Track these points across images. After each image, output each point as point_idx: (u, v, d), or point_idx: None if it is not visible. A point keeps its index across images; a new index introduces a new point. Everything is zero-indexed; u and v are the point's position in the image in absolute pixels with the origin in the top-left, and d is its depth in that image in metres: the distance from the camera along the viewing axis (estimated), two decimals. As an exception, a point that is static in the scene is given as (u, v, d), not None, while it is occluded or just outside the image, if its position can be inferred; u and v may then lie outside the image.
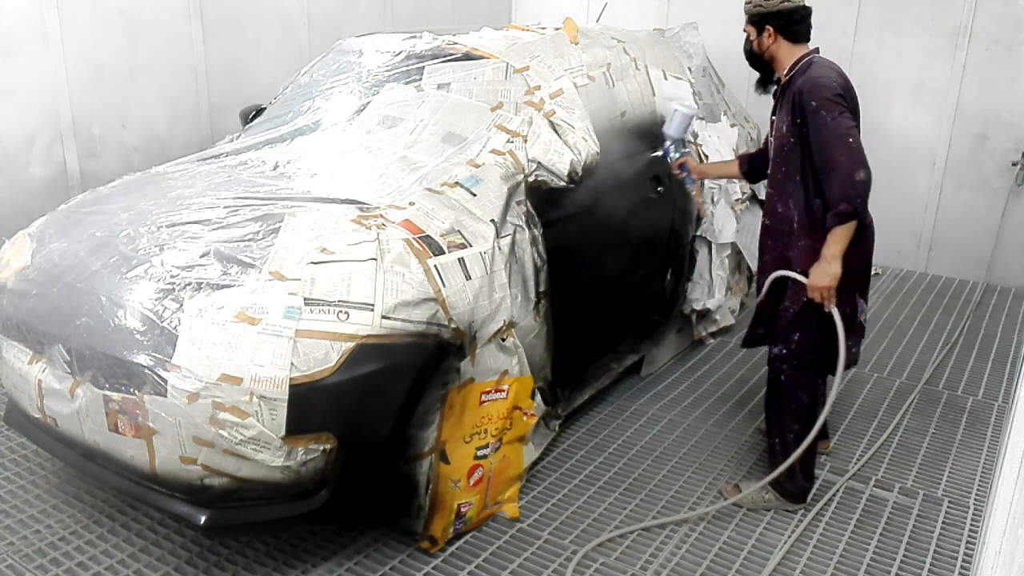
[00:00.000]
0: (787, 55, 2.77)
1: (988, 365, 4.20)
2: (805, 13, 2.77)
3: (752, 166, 3.18)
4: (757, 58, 2.86)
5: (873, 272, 5.45)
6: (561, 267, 2.98)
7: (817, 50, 2.78)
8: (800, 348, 2.79)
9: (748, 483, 2.97)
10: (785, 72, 2.76)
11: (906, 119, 5.45)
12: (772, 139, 2.85)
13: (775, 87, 2.89)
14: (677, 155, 3.32)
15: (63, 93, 4.14)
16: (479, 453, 2.64)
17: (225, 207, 2.69)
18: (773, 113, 2.87)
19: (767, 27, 2.75)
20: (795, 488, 2.88)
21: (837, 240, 2.55)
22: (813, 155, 2.60)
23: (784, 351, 2.83)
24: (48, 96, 4.08)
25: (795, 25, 2.75)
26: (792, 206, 2.74)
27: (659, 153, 3.39)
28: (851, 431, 3.48)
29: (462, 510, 2.64)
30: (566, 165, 2.95)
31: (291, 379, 2.17)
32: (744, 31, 2.85)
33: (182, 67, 4.64)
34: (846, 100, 2.58)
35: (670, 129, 3.31)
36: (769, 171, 2.88)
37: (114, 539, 2.64)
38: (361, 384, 2.25)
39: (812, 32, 2.80)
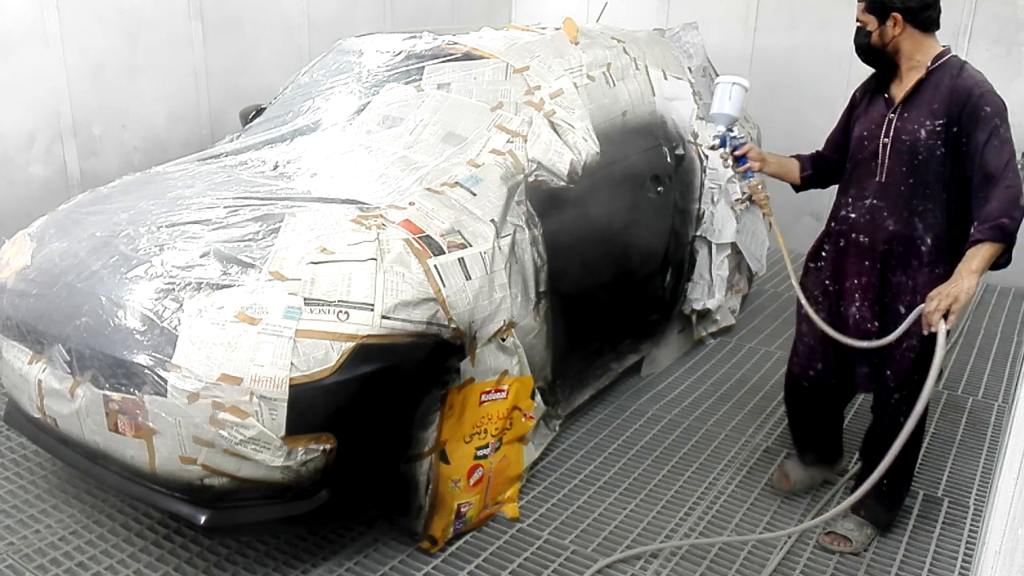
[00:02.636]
0: (919, 47, 2.43)
1: (988, 365, 4.20)
2: (935, 1, 2.44)
3: (816, 171, 2.78)
4: (877, 52, 2.49)
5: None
6: (561, 267, 2.98)
7: (950, 48, 2.47)
8: (919, 389, 2.40)
9: (849, 524, 2.72)
10: (928, 66, 2.42)
11: (906, 119, 5.44)
12: (880, 142, 2.47)
13: (874, 85, 2.57)
14: (738, 141, 2.65)
15: (63, 93, 4.14)
16: (479, 453, 2.64)
17: (225, 207, 2.69)
18: (892, 111, 2.46)
19: (893, 15, 2.40)
20: (893, 516, 2.78)
21: (984, 256, 2.24)
22: (973, 167, 2.31)
23: (905, 393, 2.54)
24: (48, 96, 4.08)
25: (928, 11, 2.40)
26: (923, 227, 2.42)
27: (715, 143, 2.67)
28: (852, 431, 3.48)
29: (462, 510, 2.64)
30: (566, 165, 2.95)
31: (291, 379, 2.17)
32: (859, 22, 2.50)
33: (182, 67, 4.64)
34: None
35: (725, 107, 2.60)
36: (878, 179, 2.49)
37: (114, 539, 2.64)
38: (361, 384, 2.25)
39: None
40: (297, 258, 2.38)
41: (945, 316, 2.23)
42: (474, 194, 2.75)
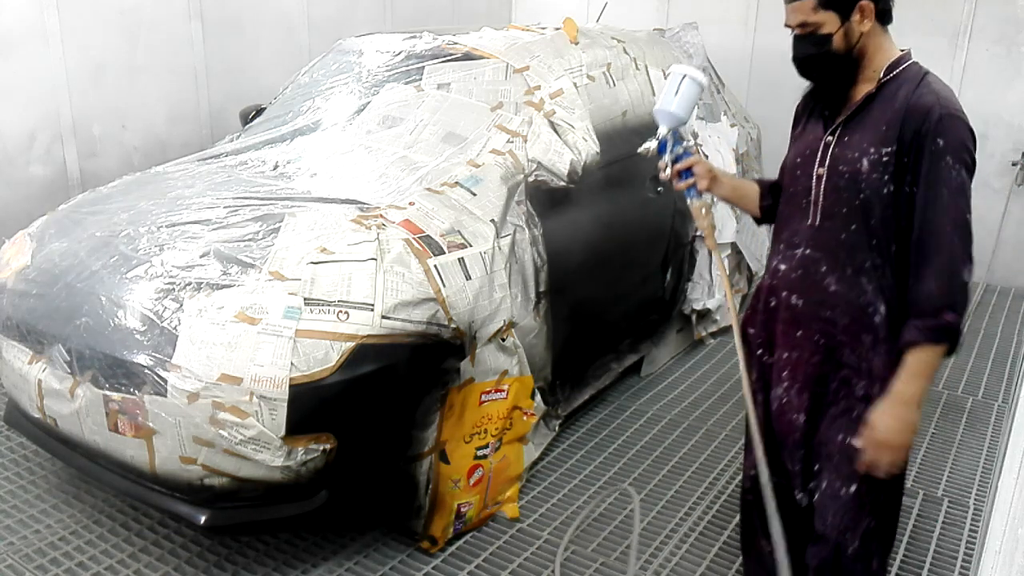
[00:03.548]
0: (879, 48, 1.82)
1: (988, 365, 4.20)
2: None
3: (776, 201, 2.08)
4: (836, 60, 1.81)
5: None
6: (561, 267, 2.98)
7: (909, 52, 1.87)
8: (877, 537, 1.92)
9: None
10: (881, 74, 1.80)
11: (906, 119, 5.44)
12: (814, 173, 1.85)
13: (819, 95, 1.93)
14: (679, 150, 2.04)
15: (63, 93, 4.13)
16: (479, 453, 2.64)
17: (225, 207, 2.69)
18: (830, 132, 1.84)
19: (860, 5, 1.76)
20: None
21: (924, 369, 1.70)
22: (912, 216, 1.72)
23: (858, 548, 1.91)
24: (48, 96, 4.08)
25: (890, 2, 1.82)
26: (873, 290, 1.81)
27: (649, 146, 2.04)
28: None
29: (462, 510, 2.64)
30: (566, 165, 2.95)
31: (291, 379, 2.17)
32: (804, 26, 1.81)
33: (182, 67, 4.64)
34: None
35: (670, 103, 2.00)
36: (811, 223, 1.88)
37: (114, 539, 2.64)
38: (361, 384, 2.25)
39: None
40: (297, 258, 2.38)
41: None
42: (474, 194, 2.75)
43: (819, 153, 1.86)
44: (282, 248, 2.43)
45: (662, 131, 2.03)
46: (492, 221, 2.70)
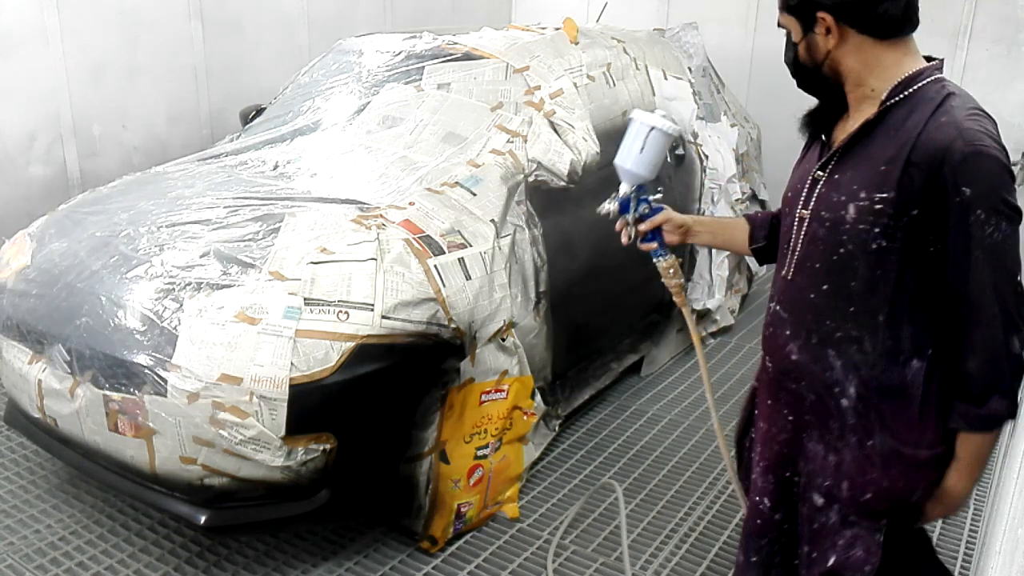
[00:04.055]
0: (873, 65, 1.44)
1: (988, 365, 4.19)
2: None
3: (772, 241, 1.76)
4: (808, 73, 1.53)
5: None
6: (561, 267, 2.98)
7: (942, 62, 1.49)
8: None
9: None
10: (884, 97, 1.43)
11: (906, 119, 5.44)
12: (800, 213, 1.53)
13: (819, 124, 1.59)
14: (644, 208, 1.81)
15: (63, 93, 4.13)
16: (479, 453, 2.64)
17: (225, 207, 2.69)
18: (821, 166, 1.52)
19: (820, 15, 1.43)
20: None
21: (976, 459, 1.43)
22: (946, 282, 1.38)
23: None
24: (48, 96, 4.08)
25: (886, 3, 1.39)
26: (842, 366, 1.49)
27: (609, 207, 1.83)
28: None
29: (462, 510, 2.64)
30: (566, 165, 2.95)
31: (291, 379, 2.17)
32: (780, 27, 1.56)
33: (182, 67, 4.64)
34: (1015, 188, 1.37)
35: (630, 161, 1.78)
36: (784, 273, 1.58)
37: (114, 539, 2.64)
38: (361, 384, 2.25)
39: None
40: (297, 258, 2.38)
41: None
42: (474, 194, 2.75)
43: (806, 190, 1.53)
44: (282, 248, 2.43)
45: (624, 189, 1.79)
46: (492, 221, 2.70)
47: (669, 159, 3.77)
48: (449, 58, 3.30)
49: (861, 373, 1.47)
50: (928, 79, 1.44)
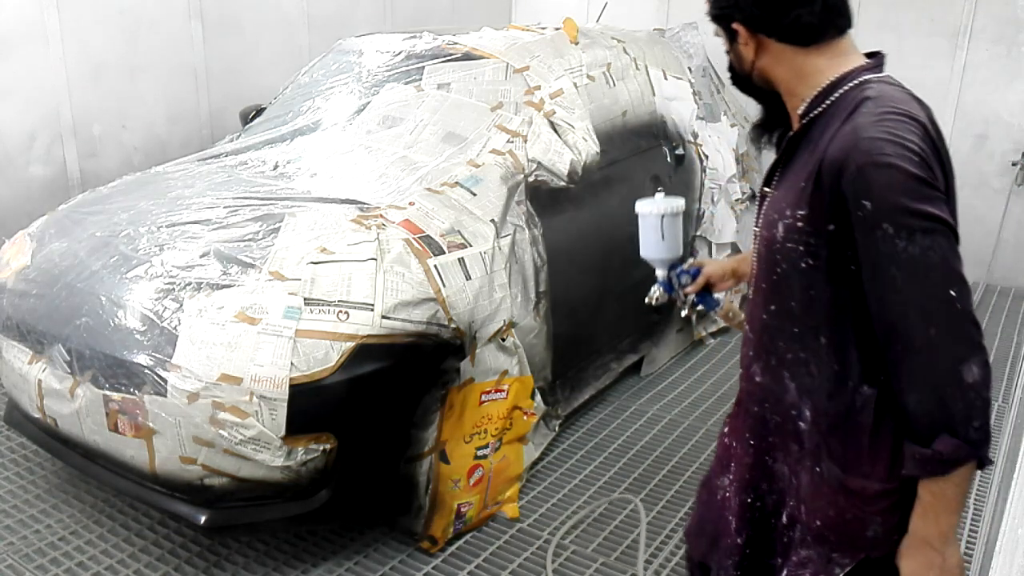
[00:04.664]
0: (802, 73, 1.36)
1: (988, 365, 4.19)
2: None
3: None
4: (743, 81, 1.49)
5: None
6: (561, 267, 2.98)
7: (879, 60, 1.40)
8: None
9: None
10: (802, 108, 1.36)
11: (906, 119, 5.44)
12: (755, 232, 1.44)
13: (780, 133, 1.50)
14: (686, 279, 1.84)
15: (63, 93, 4.13)
16: (479, 453, 2.64)
17: (225, 207, 2.69)
18: (766, 183, 1.44)
19: (734, 27, 1.41)
20: None
21: (947, 502, 1.24)
22: (870, 307, 1.25)
23: None
24: (48, 96, 4.08)
25: (792, 9, 1.31)
26: (796, 389, 1.40)
27: (656, 294, 1.87)
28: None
29: (462, 510, 2.64)
30: (566, 165, 2.95)
31: (291, 379, 2.17)
32: (716, 36, 1.52)
33: (182, 67, 4.64)
34: (937, 182, 1.20)
35: (661, 250, 1.83)
36: (751, 295, 1.49)
37: (114, 539, 2.64)
38: (361, 384, 2.25)
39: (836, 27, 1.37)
40: (297, 258, 2.38)
41: None
42: (474, 194, 2.75)
43: (759, 209, 1.43)
44: (282, 248, 2.43)
45: (661, 274, 1.83)
46: (492, 221, 2.70)
47: (669, 159, 3.77)
48: (449, 58, 3.30)
49: (813, 398, 1.37)
50: (852, 83, 1.32)
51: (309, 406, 2.20)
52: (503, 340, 2.64)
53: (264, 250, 2.44)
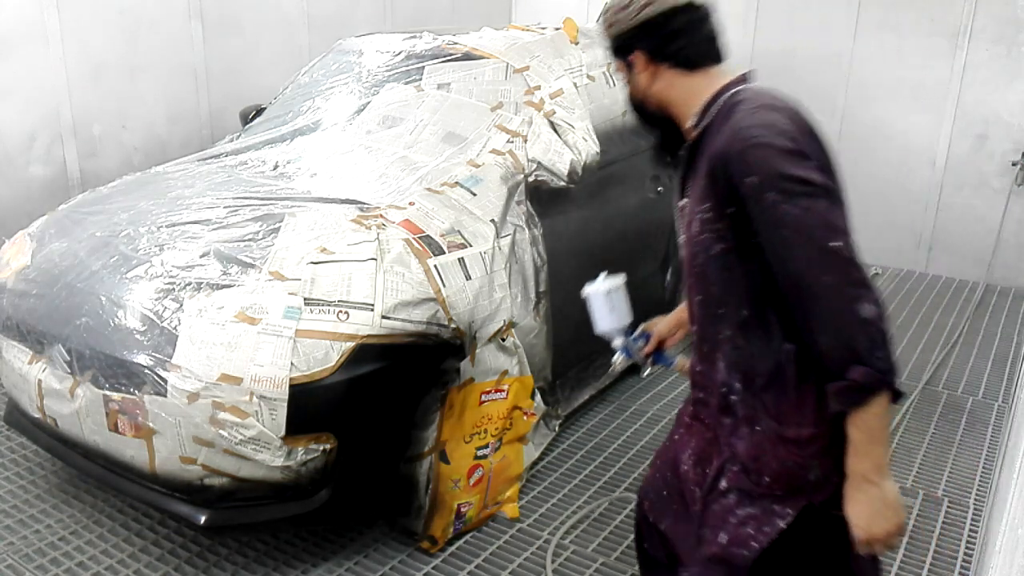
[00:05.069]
0: (687, 94, 1.59)
1: (988, 365, 4.20)
2: (695, 18, 1.59)
3: None
4: (642, 108, 1.69)
5: (873, 273, 5.49)
6: (561, 267, 2.98)
7: (745, 77, 1.60)
8: None
9: None
10: (691, 123, 1.58)
11: (906, 119, 5.45)
12: (683, 243, 1.63)
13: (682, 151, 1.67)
14: (640, 344, 2.05)
15: (63, 93, 4.13)
16: (479, 453, 2.64)
17: (225, 207, 2.69)
18: (681, 195, 1.66)
19: (634, 54, 1.61)
20: None
21: (872, 434, 1.38)
22: (773, 269, 1.42)
23: None
24: (48, 96, 4.08)
25: (679, 40, 1.57)
26: (724, 365, 1.57)
27: (617, 360, 2.10)
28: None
29: (462, 510, 2.64)
30: (566, 165, 2.95)
31: (291, 379, 2.17)
32: (617, 72, 1.72)
33: (182, 67, 4.64)
34: (810, 155, 1.41)
35: (611, 323, 2.02)
36: (685, 297, 1.70)
37: (114, 539, 2.64)
38: (361, 384, 2.25)
39: (726, 48, 1.64)
40: (297, 258, 2.38)
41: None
42: (474, 194, 2.75)
43: (680, 218, 1.67)
44: (282, 248, 2.43)
45: (618, 343, 2.03)
46: (492, 221, 2.70)
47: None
48: (449, 58, 3.30)
49: (742, 368, 1.54)
50: (728, 94, 1.54)
51: (309, 406, 2.20)
52: (503, 340, 2.64)
53: (264, 250, 2.44)
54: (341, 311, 2.28)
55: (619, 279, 2.00)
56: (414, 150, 3.01)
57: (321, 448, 2.25)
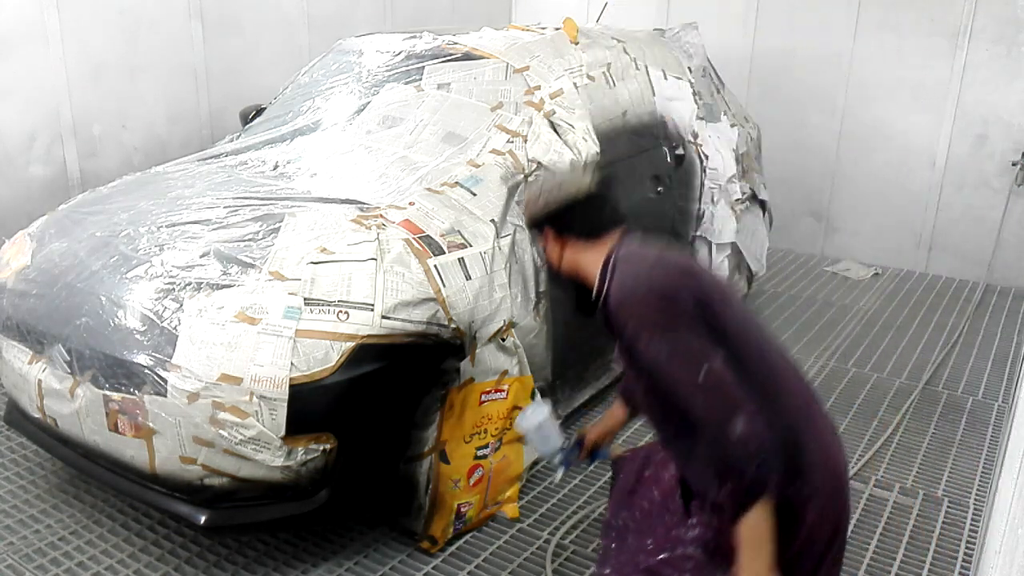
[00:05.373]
0: (591, 262, 1.81)
1: (988, 365, 4.20)
2: (593, 202, 1.87)
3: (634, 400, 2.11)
4: (557, 272, 1.92)
5: (872, 273, 5.49)
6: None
7: (625, 235, 1.84)
8: None
9: None
10: (596, 285, 1.79)
11: (906, 119, 5.45)
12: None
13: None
14: (574, 455, 2.28)
15: (63, 93, 4.13)
16: (479, 453, 2.64)
17: (225, 207, 2.69)
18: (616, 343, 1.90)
19: (545, 232, 1.88)
20: None
21: (749, 546, 1.50)
22: (663, 396, 1.64)
23: None
24: (48, 96, 4.08)
25: (580, 220, 1.84)
26: (674, 468, 1.87)
27: (557, 477, 2.45)
28: (851, 431, 3.48)
29: (462, 510, 2.64)
30: (566, 165, 2.95)
31: (291, 379, 2.17)
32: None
33: (182, 67, 4.64)
34: (673, 301, 1.60)
35: (546, 444, 2.20)
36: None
37: (114, 539, 2.64)
38: (361, 384, 2.25)
39: (617, 221, 1.86)
40: (297, 258, 2.38)
41: None
42: (474, 194, 2.75)
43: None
44: (282, 248, 2.43)
45: (557, 459, 2.23)
46: (492, 221, 2.70)
47: (669, 159, 3.77)
48: (449, 58, 3.30)
49: (687, 477, 1.78)
50: (614, 256, 1.78)
51: (309, 406, 2.20)
52: (503, 340, 2.64)
53: (264, 250, 2.44)
54: (341, 311, 2.28)
55: (545, 409, 2.18)
56: (414, 150, 3.01)
57: (321, 448, 2.25)
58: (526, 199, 1.94)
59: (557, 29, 3.64)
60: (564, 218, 1.85)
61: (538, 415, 2.19)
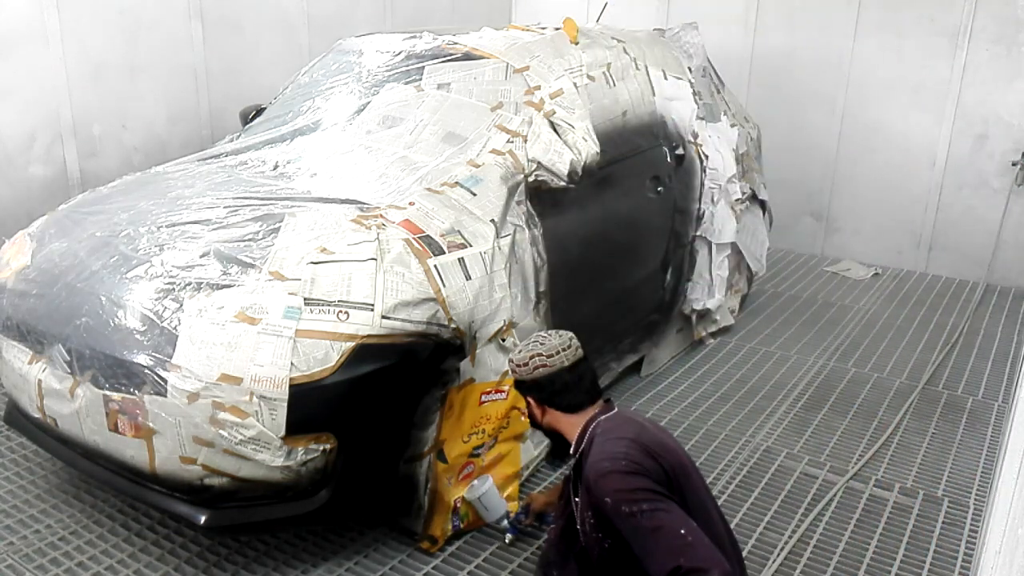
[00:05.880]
0: (568, 427, 2.11)
1: (988, 365, 4.20)
2: (570, 380, 2.10)
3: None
4: (537, 427, 2.24)
5: (872, 273, 5.49)
6: (561, 267, 2.98)
7: (606, 406, 2.13)
8: None
9: None
10: (572, 448, 2.10)
11: (906, 119, 5.46)
12: (579, 527, 2.09)
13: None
14: (519, 520, 2.65)
15: (63, 93, 4.13)
16: (475, 452, 2.64)
17: (225, 207, 2.69)
18: (573, 493, 2.13)
19: (529, 399, 2.17)
20: None
21: None
22: (640, 560, 1.83)
23: None
24: (48, 96, 4.08)
25: (558, 396, 2.10)
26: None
27: (511, 537, 2.65)
28: (851, 431, 3.48)
29: (457, 506, 2.64)
30: (566, 165, 2.95)
31: (291, 379, 2.17)
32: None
33: (182, 67, 4.64)
34: (647, 472, 1.85)
35: (495, 511, 2.61)
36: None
37: (114, 539, 2.64)
38: (361, 384, 2.25)
39: (595, 390, 2.14)
40: (297, 258, 2.38)
41: None
42: (474, 194, 2.75)
43: (575, 507, 2.13)
44: (282, 248, 2.43)
45: (504, 524, 2.62)
46: (492, 221, 2.70)
47: (669, 159, 3.77)
48: (449, 58, 3.30)
49: None
50: (592, 425, 2.04)
51: (309, 406, 2.20)
52: (503, 340, 2.64)
53: (264, 250, 2.44)
54: (341, 311, 2.28)
55: (488, 483, 2.57)
56: (414, 150, 3.01)
57: (321, 448, 2.25)
58: (517, 360, 2.15)
59: (557, 29, 3.64)
60: (545, 391, 2.12)
61: (481, 488, 2.55)
